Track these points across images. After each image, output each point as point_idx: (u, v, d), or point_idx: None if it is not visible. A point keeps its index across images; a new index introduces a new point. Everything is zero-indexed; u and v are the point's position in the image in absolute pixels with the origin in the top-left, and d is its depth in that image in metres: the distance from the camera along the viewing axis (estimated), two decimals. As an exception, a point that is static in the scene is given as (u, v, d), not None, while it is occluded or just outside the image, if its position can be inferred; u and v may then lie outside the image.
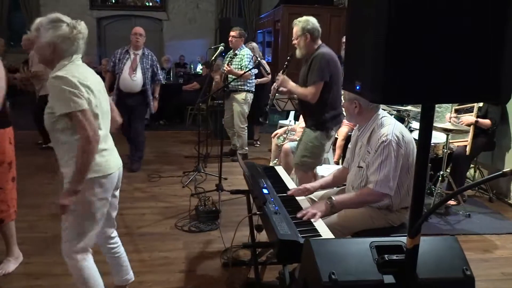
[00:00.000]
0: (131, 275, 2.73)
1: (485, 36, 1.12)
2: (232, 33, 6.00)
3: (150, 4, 11.73)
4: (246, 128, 6.19)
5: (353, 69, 1.33)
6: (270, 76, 6.63)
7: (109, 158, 2.30)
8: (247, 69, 5.67)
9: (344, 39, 6.19)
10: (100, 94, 2.27)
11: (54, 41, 2.13)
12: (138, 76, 5.35)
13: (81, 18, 2.30)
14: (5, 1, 10.86)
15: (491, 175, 1.25)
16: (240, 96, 6.03)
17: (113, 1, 11.51)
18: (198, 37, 11.59)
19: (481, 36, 1.12)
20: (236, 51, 6.05)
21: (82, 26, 2.21)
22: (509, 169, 1.18)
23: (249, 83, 6.06)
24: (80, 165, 2.10)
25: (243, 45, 6.14)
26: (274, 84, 3.91)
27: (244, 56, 5.97)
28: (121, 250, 2.67)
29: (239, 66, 5.87)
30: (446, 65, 1.12)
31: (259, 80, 6.46)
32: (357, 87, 1.27)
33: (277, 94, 5.29)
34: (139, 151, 5.72)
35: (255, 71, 6.00)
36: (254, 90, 6.14)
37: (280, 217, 2.31)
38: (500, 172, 1.21)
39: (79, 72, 2.16)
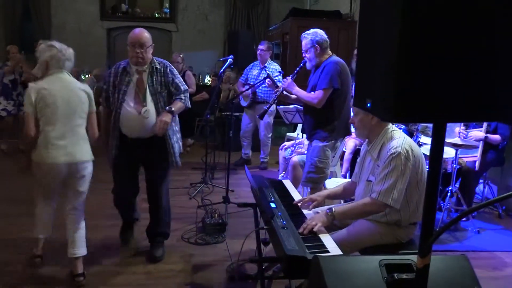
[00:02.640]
0: (77, 252, 3.12)
1: (496, 55, 1.11)
2: (261, 47, 6.23)
3: (160, 15, 11.82)
4: (270, 137, 6.66)
5: (364, 86, 1.32)
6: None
7: (53, 152, 2.96)
8: (258, 82, 5.72)
9: (356, 51, 6.21)
10: (63, 100, 2.99)
11: (46, 59, 3.05)
12: (151, 109, 3.30)
13: (91, 28, 2.41)
14: (17, 11, 10.99)
15: (507, 194, 1.22)
16: (271, 108, 6.14)
17: (123, 12, 11.62)
18: (207, 49, 11.64)
19: (493, 56, 1.11)
20: (265, 64, 6.25)
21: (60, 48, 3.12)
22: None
23: (273, 95, 6.28)
24: None
25: (269, 59, 6.40)
26: (280, 87, 3.93)
27: (275, 70, 6.19)
28: (74, 226, 3.14)
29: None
30: (457, 84, 1.11)
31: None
32: (368, 105, 1.26)
33: (285, 106, 5.32)
34: (162, 226, 3.67)
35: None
36: None
37: (288, 232, 2.29)
38: (513, 192, 1.19)
39: (48, 83, 3.01)
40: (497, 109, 1.18)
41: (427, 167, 1.56)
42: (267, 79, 4.57)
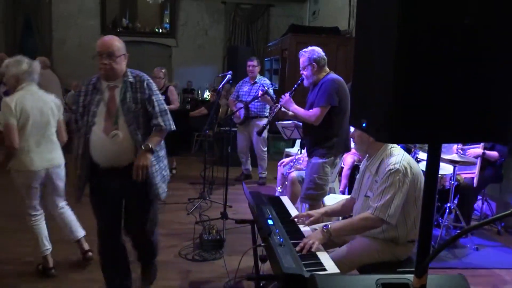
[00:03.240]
0: (80, 233, 3.63)
1: (494, 76, 1.12)
2: (252, 63, 6.29)
3: (160, 30, 11.92)
4: (266, 151, 6.68)
5: (360, 105, 1.33)
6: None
7: (33, 159, 3.26)
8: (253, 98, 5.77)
9: None
10: (38, 111, 3.26)
11: (16, 74, 3.25)
12: (123, 132, 2.75)
13: (92, 43, 2.45)
14: (18, 26, 11.08)
15: (502, 214, 1.22)
16: (263, 122, 6.20)
17: (124, 27, 11.71)
18: (206, 64, 11.73)
19: (490, 77, 1.12)
20: (256, 80, 6.32)
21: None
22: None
23: (267, 109, 6.37)
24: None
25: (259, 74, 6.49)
26: (278, 104, 3.96)
27: (267, 84, 6.29)
28: (70, 216, 3.61)
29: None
30: (454, 104, 1.12)
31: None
32: (364, 124, 1.27)
33: (284, 122, 5.34)
34: (149, 265, 3.26)
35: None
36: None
37: (285, 250, 2.28)
38: (510, 211, 1.19)
39: (22, 96, 3.21)
40: (492, 130, 1.18)
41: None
42: (261, 92, 4.60)
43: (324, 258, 2.32)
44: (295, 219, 2.84)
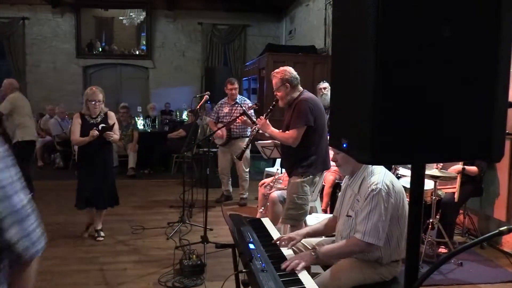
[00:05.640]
0: None
1: (476, 95, 1.08)
2: (234, 86, 6.25)
3: (136, 52, 11.85)
4: (248, 172, 6.60)
5: (340, 125, 1.27)
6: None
7: None
8: (232, 120, 5.76)
9: (320, 86, 6.25)
10: None
11: None
12: None
13: (67, 66, 2.32)
14: (-9, 51, 10.91)
15: (489, 234, 1.18)
16: (246, 142, 6.13)
17: (100, 50, 11.61)
18: (184, 85, 11.68)
19: (472, 95, 1.08)
20: (236, 100, 6.29)
21: None
22: (505, 227, 1.13)
23: (249, 129, 6.26)
24: None
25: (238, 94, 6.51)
26: (255, 126, 3.92)
27: (248, 104, 6.27)
28: None
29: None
30: (437, 123, 1.08)
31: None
32: (344, 145, 1.21)
33: (263, 141, 5.29)
34: None
35: None
36: None
37: (268, 276, 2.19)
38: (497, 231, 1.15)
39: None
40: (476, 148, 1.14)
41: (408, 206, 1.51)
42: (240, 117, 4.54)
43: (308, 283, 2.24)
44: (277, 242, 2.76)
